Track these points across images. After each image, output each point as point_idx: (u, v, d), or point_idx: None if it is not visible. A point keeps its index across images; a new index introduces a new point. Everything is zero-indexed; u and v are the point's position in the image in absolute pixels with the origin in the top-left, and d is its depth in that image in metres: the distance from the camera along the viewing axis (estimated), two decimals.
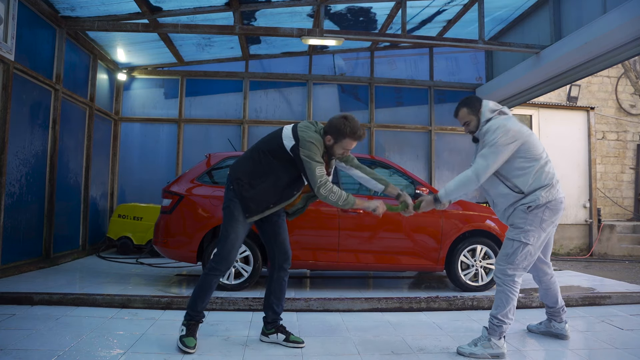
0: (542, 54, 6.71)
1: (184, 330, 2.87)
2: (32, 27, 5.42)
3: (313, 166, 2.75)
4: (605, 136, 12.17)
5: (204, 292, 2.90)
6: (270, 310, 3.08)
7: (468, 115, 3.04)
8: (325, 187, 2.76)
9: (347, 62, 8.89)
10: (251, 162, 2.92)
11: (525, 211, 2.87)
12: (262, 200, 2.86)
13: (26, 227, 5.32)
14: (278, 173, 2.86)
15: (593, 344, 3.22)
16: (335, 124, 2.83)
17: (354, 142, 2.86)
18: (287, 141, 2.82)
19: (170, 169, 8.11)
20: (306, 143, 2.76)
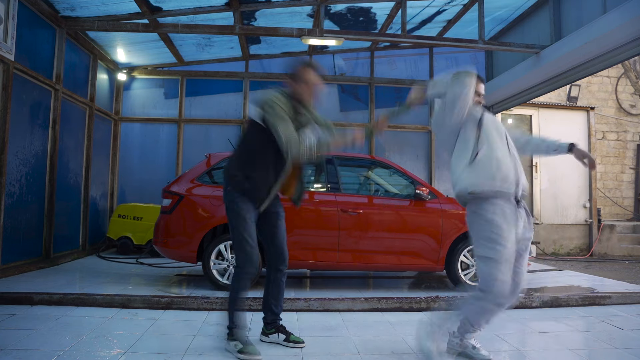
0: (542, 54, 6.70)
1: (239, 344, 2.80)
2: (32, 27, 5.42)
3: (275, 125, 2.71)
4: (605, 136, 12.17)
5: (238, 301, 2.88)
6: (269, 311, 3.09)
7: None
8: (293, 146, 2.68)
9: (347, 62, 8.89)
10: (237, 155, 2.94)
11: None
12: (262, 184, 2.85)
13: (26, 227, 5.32)
14: (262, 151, 2.83)
15: (593, 344, 3.22)
16: (293, 70, 2.93)
17: (311, 70, 2.92)
18: (254, 112, 2.84)
19: (170, 169, 8.11)
20: (267, 104, 2.76)
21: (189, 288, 4.66)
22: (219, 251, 4.51)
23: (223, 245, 4.51)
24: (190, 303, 3.93)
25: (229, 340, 2.86)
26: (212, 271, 4.49)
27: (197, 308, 3.92)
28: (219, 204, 4.59)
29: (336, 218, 4.59)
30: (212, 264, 4.50)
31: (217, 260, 4.51)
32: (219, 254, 4.52)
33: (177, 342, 3.01)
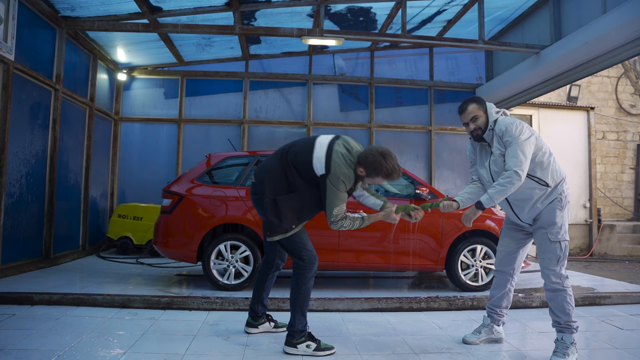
0: (542, 54, 6.71)
1: (311, 345, 2.84)
2: (32, 27, 5.42)
3: (333, 203, 2.74)
4: (605, 136, 12.17)
5: (303, 300, 2.92)
6: (261, 305, 3.24)
7: (478, 109, 2.96)
8: (336, 225, 2.81)
9: (347, 62, 8.89)
10: (278, 174, 2.86)
11: (560, 208, 2.87)
12: (286, 218, 2.83)
13: (26, 227, 5.32)
14: (303, 192, 2.83)
15: (593, 344, 3.21)
16: (372, 162, 2.74)
17: (384, 181, 2.84)
18: (318, 165, 2.75)
19: (170, 169, 8.11)
20: (337, 180, 2.71)
21: (189, 288, 4.66)
22: (219, 251, 4.51)
23: (223, 245, 4.51)
24: (190, 303, 3.93)
25: (296, 345, 2.85)
26: (212, 271, 4.49)
27: (197, 308, 3.92)
28: (219, 204, 4.60)
29: None
30: (212, 264, 4.50)
31: (217, 260, 4.51)
32: (219, 254, 4.52)
33: (177, 342, 3.01)
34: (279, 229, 2.86)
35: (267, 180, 2.90)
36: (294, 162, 2.84)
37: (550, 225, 2.86)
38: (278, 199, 2.82)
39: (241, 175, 4.83)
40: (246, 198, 4.61)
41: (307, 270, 2.90)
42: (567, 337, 2.82)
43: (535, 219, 2.95)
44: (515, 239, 3.13)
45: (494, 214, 4.91)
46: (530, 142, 2.81)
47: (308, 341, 2.86)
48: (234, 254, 4.52)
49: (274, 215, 2.83)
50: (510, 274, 3.14)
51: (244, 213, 4.57)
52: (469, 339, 3.16)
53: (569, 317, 2.83)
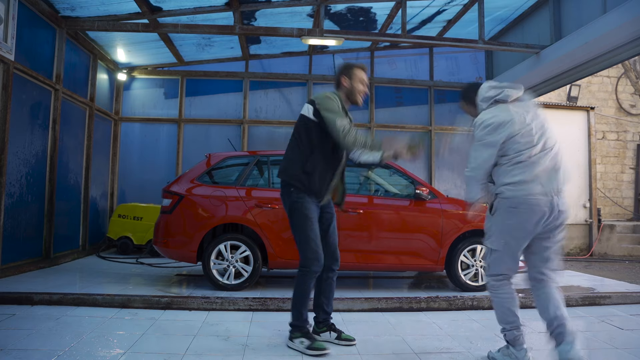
0: (542, 54, 6.71)
1: (305, 341, 2.86)
2: (32, 27, 5.42)
3: (332, 118, 2.83)
4: (605, 136, 12.17)
5: (305, 297, 2.93)
6: (321, 310, 3.12)
7: (466, 106, 2.95)
8: (350, 134, 2.81)
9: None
10: (292, 155, 2.99)
11: (488, 213, 2.73)
12: (323, 178, 2.92)
13: (26, 227, 5.32)
14: (319, 146, 2.92)
15: (593, 344, 3.21)
16: (341, 68, 3.09)
17: (362, 71, 3.08)
18: (306, 111, 2.97)
19: (170, 169, 8.11)
20: (322, 100, 2.91)
21: (189, 288, 4.66)
22: (219, 251, 4.51)
23: (223, 245, 4.51)
24: (190, 303, 3.93)
25: (292, 339, 2.92)
26: (212, 271, 4.49)
27: (197, 308, 3.91)
28: (219, 204, 4.60)
29: (336, 218, 4.57)
30: (212, 264, 4.50)
31: (217, 260, 4.51)
32: (219, 254, 4.52)
33: (177, 342, 3.01)
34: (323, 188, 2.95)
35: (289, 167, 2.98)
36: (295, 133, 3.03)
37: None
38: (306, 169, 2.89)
39: (241, 175, 4.83)
40: (246, 198, 4.61)
41: (307, 268, 2.89)
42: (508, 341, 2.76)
43: None
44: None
45: None
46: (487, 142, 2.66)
47: (302, 338, 2.88)
48: (234, 254, 4.52)
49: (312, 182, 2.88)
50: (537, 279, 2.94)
51: (244, 213, 4.57)
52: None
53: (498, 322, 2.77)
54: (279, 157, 5.20)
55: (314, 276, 2.91)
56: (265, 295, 4.25)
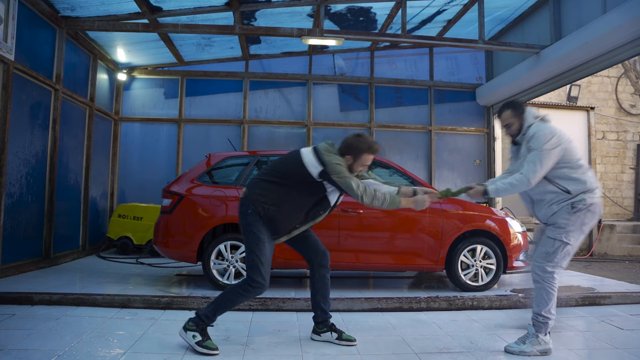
0: (542, 54, 6.71)
1: (197, 336, 2.82)
2: (32, 27, 5.42)
3: (349, 182, 2.82)
4: (605, 136, 12.16)
5: (228, 306, 2.91)
6: (319, 310, 3.10)
7: (511, 117, 3.12)
8: (367, 195, 2.84)
9: (347, 62, 8.89)
10: (273, 186, 2.91)
11: (569, 212, 2.95)
12: (288, 222, 2.91)
13: (26, 227, 5.32)
14: (303, 197, 2.90)
15: (593, 344, 3.21)
16: (350, 143, 2.92)
17: (371, 156, 2.94)
18: (313, 169, 2.85)
19: (170, 169, 8.11)
20: (334, 167, 2.82)
21: (189, 288, 4.66)
22: (219, 251, 4.51)
23: (223, 245, 4.51)
24: (190, 303, 3.93)
25: (187, 330, 2.84)
26: (212, 271, 4.49)
27: (197, 308, 3.89)
28: (219, 204, 4.60)
29: (336, 218, 4.58)
30: (212, 264, 4.50)
31: (217, 260, 4.51)
32: (219, 254, 4.52)
33: (177, 342, 3.01)
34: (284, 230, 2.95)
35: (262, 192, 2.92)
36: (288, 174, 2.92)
37: (554, 223, 2.99)
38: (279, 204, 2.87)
39: (241, 175, 4.83)
40: None
41: (249, 286, 2.82)
42: (530, 328, 2.99)
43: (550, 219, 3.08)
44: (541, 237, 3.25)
45: (494, 214, 4.91)
46: (552, 154, 2.92)
47: (197, 333, 2.83)
48: (234, 254, 4.52)
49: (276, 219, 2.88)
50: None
51: None
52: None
53: (539, 310, 2.97)
54: (279, 157, 5.21)
55: (250, 297, 2.91)
56: (265, 295, 4.24)
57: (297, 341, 3.13)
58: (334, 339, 3.07)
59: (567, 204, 2.97)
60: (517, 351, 2.94)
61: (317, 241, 3.13)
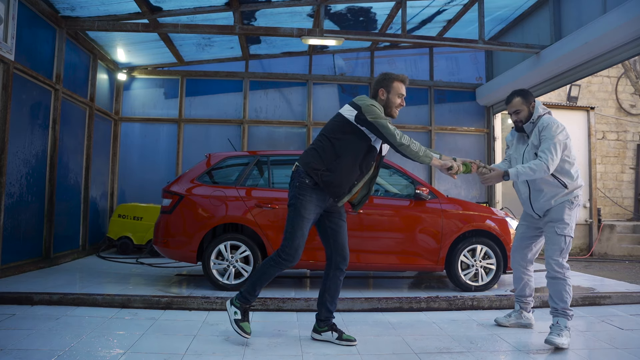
0: (542, 54, 6.71)
1: (239, 314, 2.93)
2: (32, 27, 5.42)
3: (384, 123, 2.86)
4: (605, 136, 12.16)
5: (264, 280, 2.98)
6: (324, 308, 3.11)
7: (521, 104, 3.26)
8: (404, 137, 2.88)
9: (347, 62, 8.89)
10: (321, 150, 2.97)
11: (570, 207, 3.17)
12: (346, 179, 2.95)
13: (26, 227, 5.32)
14: (351, 149, 2.93)
15: (593, 344, 3.21)
16: (379, 79, 3.05)
17: (402, 84, 3.02)
18: (348, 113, 2.94)
19: (170, 169, 8.12)
20: (368, 107, 2.88)
21: (189, 288, 4.66)
22: (219, 251, 4.51)
23: (223, 245, 4.51)
24: (190, 303, 3.93)
25: (232, 304, 2.97)
26: (212, 271, 4.49)
27: (197, 308, 3.92)
28: (219, 204, 4.60)
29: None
30: (212, 264, 4.50)
31: (217, 260, 4.51)
32: (219, 254, 4.52)
33: (177, 342, 3.01)
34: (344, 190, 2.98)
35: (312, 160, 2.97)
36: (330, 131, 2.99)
37: (559, 220, 3.17)
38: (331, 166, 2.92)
39: (241, 175, 4.83)
40: (246, 198, 4.61)
41: (280, 258, 2.92)
42: (562, 321, 3.12)
43: (546, 214, 3.27)
44: (528, 236, 3.47)
45: (494, 214, 4.91)
46: (562, 144, 3.12)
47: (238, 310, 2.94)
48: (234, 254, 4.52)
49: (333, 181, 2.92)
50: (524, 266, 3.50)
51: (244, 213, 4.57)
52: (501, 320, 3.57)
53: (566, 304, 3.13)
54: (279, 157, 5.21)
55: (281, 268, 2.95)
56: (265, 295, 4.24)
57: (297, 341, 3.13)
58: (334, 338, 3.07)
59: (567, 199, 3.17)
60: (559, 343, 3.01)
61: (344, 242, 3.14)
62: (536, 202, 3.28)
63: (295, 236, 2.90)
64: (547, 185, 3.20)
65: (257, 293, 3.00)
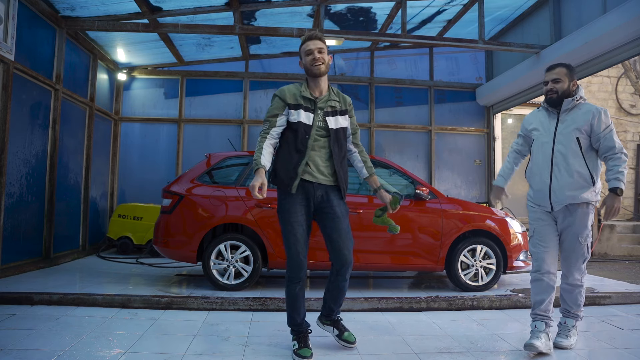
0: (542, 54, 6.71)
1: (296, 344, 2.82)
2: (32, 27, 5.42)
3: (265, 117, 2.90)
4: None
5: (292, 302, 2.84)
6: (326, 306, 3.03)
7: (564, 75, 2.99)
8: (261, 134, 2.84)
9: (347, 62, 8.89)
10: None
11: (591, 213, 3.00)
12: (285, 167, 2.80)
13: (26, 227, 5.32)
14: (284, 139, 2.88)
15: (593, 344, 3.21)
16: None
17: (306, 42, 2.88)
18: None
19: (170, 169, 8.12)
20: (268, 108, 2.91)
21: (189, 288, 4.66)
22: (219, 251, 4.51)
23: (223, 245, 4.51)
24: (190, 303, 3.93)
25: (293, 340, 2.89)
26: (212, 271, 4.49)
27: (197, 308, 3.92)
28: (219, 204, 4.60)
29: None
30: (212, 264, 4.50)
31: (217, 260, 4.51)
32: (219, 254, 4.52)
33: (177, 342, 3.01)
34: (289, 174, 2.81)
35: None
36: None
37: (583, 228, 2.99)
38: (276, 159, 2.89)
39: (241, 175, 4.82)
40: (246, 198, 4.61)
41: (287, 274, 2.83)
42: (570, 321, 3.10)
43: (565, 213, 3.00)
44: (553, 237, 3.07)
45: (494, 214, 4.91)
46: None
47: (295, 341, 2.86)
48: (234, 254, 4.52)
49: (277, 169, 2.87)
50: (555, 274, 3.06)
51: (244, 213, 4.57)
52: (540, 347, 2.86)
53: (580, 307, 3.09)
54: None
55: (293, 283, 2.81)
56: (265, 295, 4.25)
57: None
58: (334, 334, 3.05)
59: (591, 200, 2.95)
60: (568, 345, 3.01)
61: (339, 243, 2.88)
62: (560, 191, 2.95)
63: (290, 244, 2.78)
64: (578, 174, 2.90)
65: (298, 320, 2.86)
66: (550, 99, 3.03)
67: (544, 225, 3.08)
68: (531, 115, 3.24)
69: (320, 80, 2.90)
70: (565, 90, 2.99)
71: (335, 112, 2.90)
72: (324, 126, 2.84)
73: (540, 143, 3.07)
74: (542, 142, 3.06)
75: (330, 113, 2.87)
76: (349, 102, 3.00)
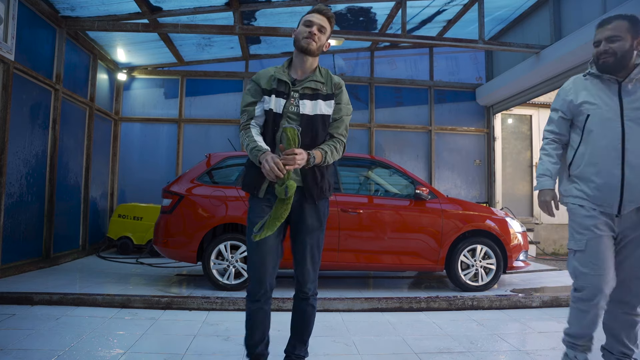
0: (542, 54, 6.71)
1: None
2: (32, 27, 5.42)
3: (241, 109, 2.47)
4: None
5: (247, 320, 2.37)
6: (289, 340, 2.55)
7: (625, 31, 2.22)
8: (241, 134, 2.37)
9: (347, 62, 8.89)
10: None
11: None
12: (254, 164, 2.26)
13: (26, 227, 5.32)
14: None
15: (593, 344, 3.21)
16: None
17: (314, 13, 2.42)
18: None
19: (170, 169, 8.12)
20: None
21: (189, 288, 4.66)
22: (219, 251, 4.52)
23: (223, 245, 4.51)
24: (190, 303, 3.93)
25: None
26: (212, 271, 4.49)
27: (197, 308, 3.92)
28: (219, 204, 4.60)
29: (336, 218, 4.58)
30: (212, 264, 4.50)
31: (217, 260, 4.51)
32: (219, 254, 4.53)
33: (177, 342, 3.01)
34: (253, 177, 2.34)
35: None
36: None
37: None
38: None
39: (241, 175, 4.83)
40: (246, 198, 4.60)
41: (248, 286, 2.35)
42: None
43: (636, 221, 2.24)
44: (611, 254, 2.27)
45: (494, 214, 4.91)
46: None
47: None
48: (234, 254, 4.53)
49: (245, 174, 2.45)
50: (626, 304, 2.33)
51: (244, 213, 4.56)
52: None
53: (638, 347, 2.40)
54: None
55: (250, 300, 2.33)
56: None
57: None
58: None
59: None
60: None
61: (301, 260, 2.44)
62: (637, 186, 2.16)
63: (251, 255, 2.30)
64: None
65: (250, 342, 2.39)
66: (604, 63, 2.27)
67: (602, 237, 2.24)
68: (573, 83, 2.42)
69: (306, 58, 2.35)
70: (625, 51, 2.21)
71: (317, 95, 2.32)
72: (297, 111, 2.29)
73: (600, 120, 2.25)
74: (604, 119, 2.24)
75: (307, 96, 2.31)
76: (337, 85, 2.41)
